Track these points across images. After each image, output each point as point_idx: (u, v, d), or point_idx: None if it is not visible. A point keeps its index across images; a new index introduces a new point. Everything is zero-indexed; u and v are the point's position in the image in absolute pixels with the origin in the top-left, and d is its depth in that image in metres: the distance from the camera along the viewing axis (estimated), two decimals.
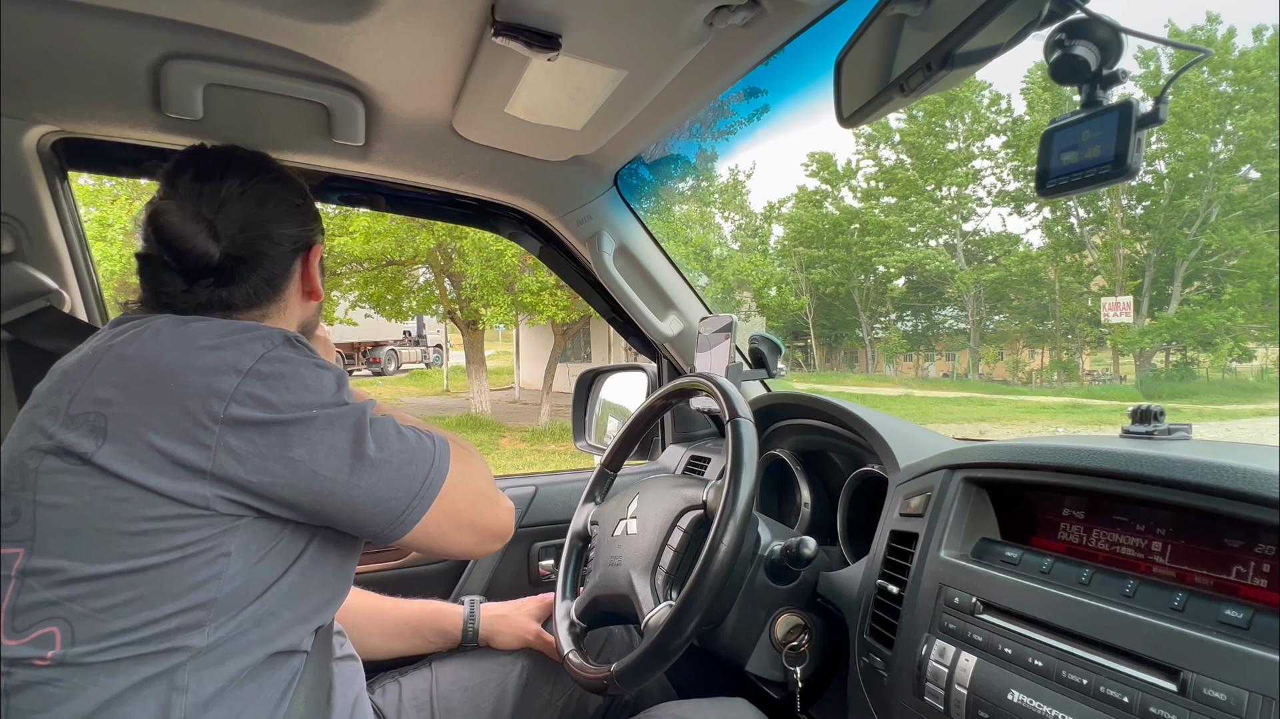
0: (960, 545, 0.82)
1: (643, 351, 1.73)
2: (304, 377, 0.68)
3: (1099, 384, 19.25)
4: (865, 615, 0.91)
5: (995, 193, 22.80)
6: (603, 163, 1.31)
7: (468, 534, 0.79)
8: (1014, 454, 0.79)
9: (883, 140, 23.54)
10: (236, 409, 0.65)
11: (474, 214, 1.50)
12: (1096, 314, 19.83)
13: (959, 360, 24.14)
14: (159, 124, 1.04)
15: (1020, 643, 0.69)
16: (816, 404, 1.21)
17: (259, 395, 0.66)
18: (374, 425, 0.71)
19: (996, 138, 22.43)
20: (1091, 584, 0.68)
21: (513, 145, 1.20)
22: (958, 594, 0.77)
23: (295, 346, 0.71)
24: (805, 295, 22.87)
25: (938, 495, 0.86)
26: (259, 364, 0.67)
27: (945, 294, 23.08)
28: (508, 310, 11.03)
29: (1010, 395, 17.91)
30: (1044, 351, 22.41)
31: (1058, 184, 0.70)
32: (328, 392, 0.69)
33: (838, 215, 24.53)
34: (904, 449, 1.02)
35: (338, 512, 0.69)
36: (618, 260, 1.46)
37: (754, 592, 0.96)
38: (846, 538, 1.15)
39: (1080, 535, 0.75)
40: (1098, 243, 20.36)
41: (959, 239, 23.20)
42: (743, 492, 0.81)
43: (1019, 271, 20.78)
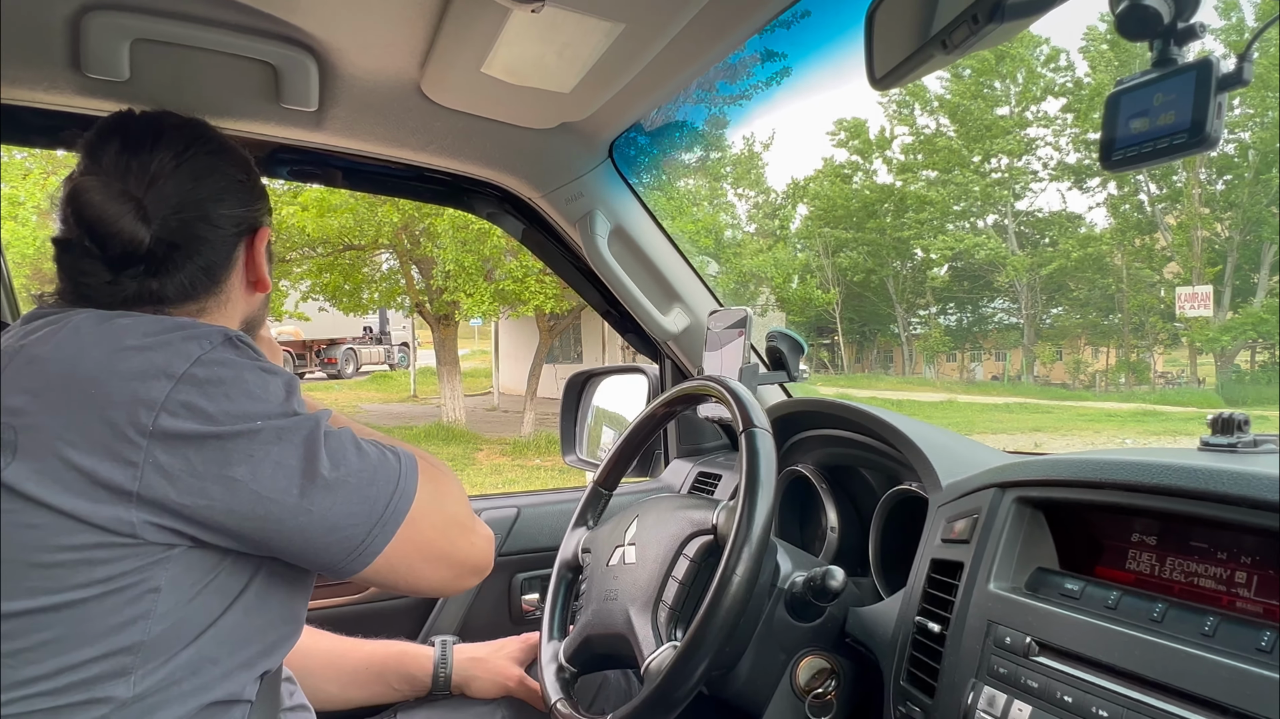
0: (1012, 576, 0.82)
1: (642, 351, 1.73)
2: (247, 382, 0.68)
3: (1173, 388, 19.25)
4: (902, 658, 0.91)
5: (1053, 165, 22.78)
6: (595, 131, 1.31)
7: (439, 568, 0.78)
8: (1074, 470, 0.80)
9: (920, 104, 23.56)
10: (167, 420, 0.64)
11: (447, 191, 1.50)
12: (1170, 306, 19.79)
13: (1010, 361, 24.16)
14: (78, 86, 1.04)
15: (1082, 689, 0.69)
16: (844, 412, 1.21)
17: (194, 404, 0.65)
18: (329, 440, 0.70)
19: (1054, 100, 22.42)
20: (1165, 622, 0.68)
21: (491, 111, 1.20)
22: (1009, 633, 0.77)
23: (237, 347, 0.70)
24: (834, 289, 22.82)
25: (986, 518, 0.87)
26: (194, 368, 0.66)
27: (994, 283, 23.07)
28: (488, 301, 10.98)
29: (1070, 401, 17.91)
30: (1109, 350, 22.40)
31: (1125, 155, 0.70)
32: (275, 400, 0.69)
33: (869, 193, 24.54)
34: (947, 464, 1.02)
35: (286, 541, 0.69)
36: (613, 244, 1.47)
37: (772, 631, 0.97)
38: (880, 568, 1.15)
39: (1152, 565, 0.75)
40: (1171, 223, 20.31)
41: (1010, 219, 23.20)
42: (759, 514, 0.82)
43: (1080, 256, 20.71)
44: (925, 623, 0.88)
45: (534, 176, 1.39)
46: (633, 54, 1.00)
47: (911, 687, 0.88)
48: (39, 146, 1.21)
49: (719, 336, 1.43)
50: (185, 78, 1.06)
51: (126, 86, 1.04)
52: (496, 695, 1.11)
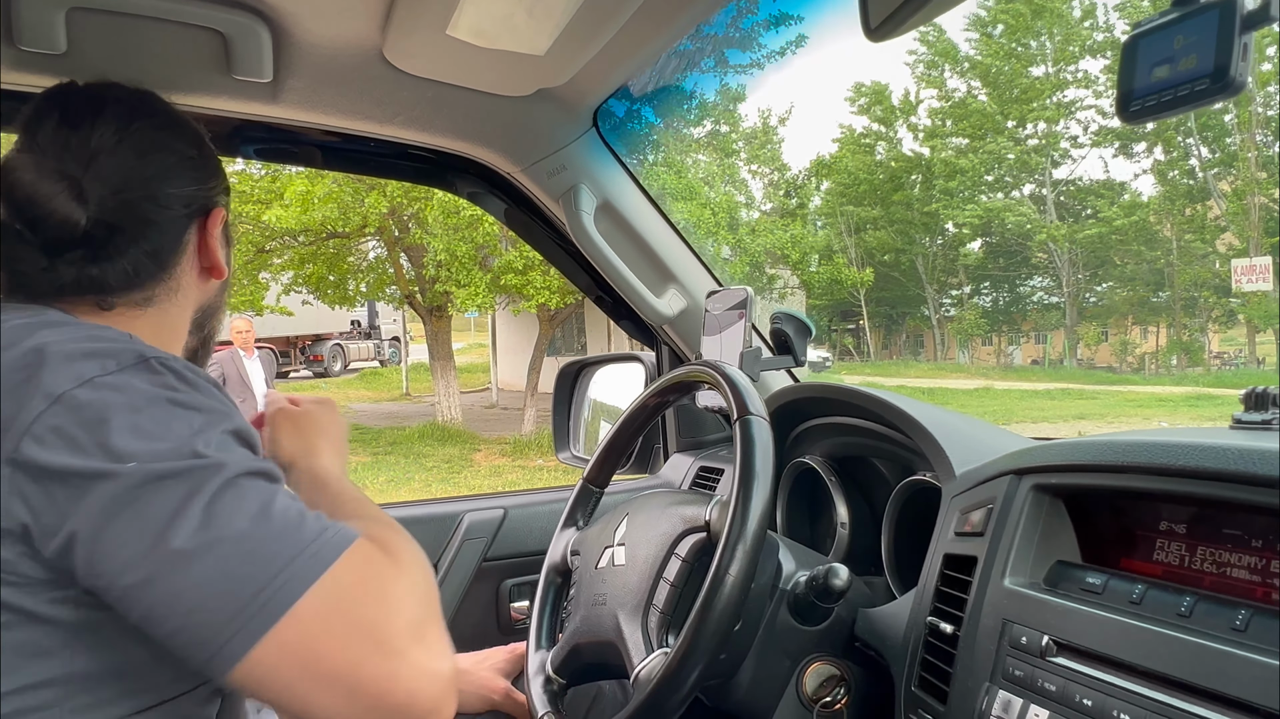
0: (1029, 571, 0.82)
1: (638, 337, 1.73)
2: (141, 415, 0.62)
3: (1230, 369, 19.09)
4: (914, 662, 0.91)
5: (1094, 130, 22.57)
6: (577, 98, 1.30)
7: (331, 695, 0.61)
8: (1095, 453, 0.79)
9: (950, 64, 23.35)
10: (30, 447, 0.60)
11: (423, 168, 1.50)
12: (1225, 280, 19.59)
13: (1051, 343, 24.00)
14: (12, 60, 1.04)
15: (1102, 692, 0.68)
16: (853, 398, 1.21)
17: (66, 432, 0.60)
18: (224, 495, 0.61)
19: (1094, 60, 22.19)
20: (1194, 616, 0.67)
21: (461, 78, 1.20)
22: (1025, 632, 0.76)
23: (154, 373, 0.65)
24: (868, 269, 22.65)
25: (1002, 508, 0.86)
26: (79, 389, 0.62)
27: (1032, 260, 22.89)
28: (484, 292, 10.96)
29: (1117, 385, 17.86)
30: (1159, 329, 22.21)
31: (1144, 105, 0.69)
32: (172, 439, 0.62)
33: (894, 165, 24.37)
34: (962, 451, 1.01)
35: (138, 618, 0.61)
36: (600, 221, 1.46)
37: (775, 635, 0.96)
38: (894, 565, 1.14)
39: (1181, 555, 0.74)
40: (1226, 190, 20.07)
41: (1048, 188, 23.01)
42: (754, 508, 0.81)
43: (1125, 225, 20.47)
44: (937, 623, 0.87)
45: (512, 149, 1.38)
46: (609, 11, 0.99)
47: (923, 693, 0.88)
48: None
49: (718, 319, 1.42)
50: (127, 48, 1.05)
51: (64, 60, 1.04)
52: (481, 710, 1.11)
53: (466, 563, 1.44)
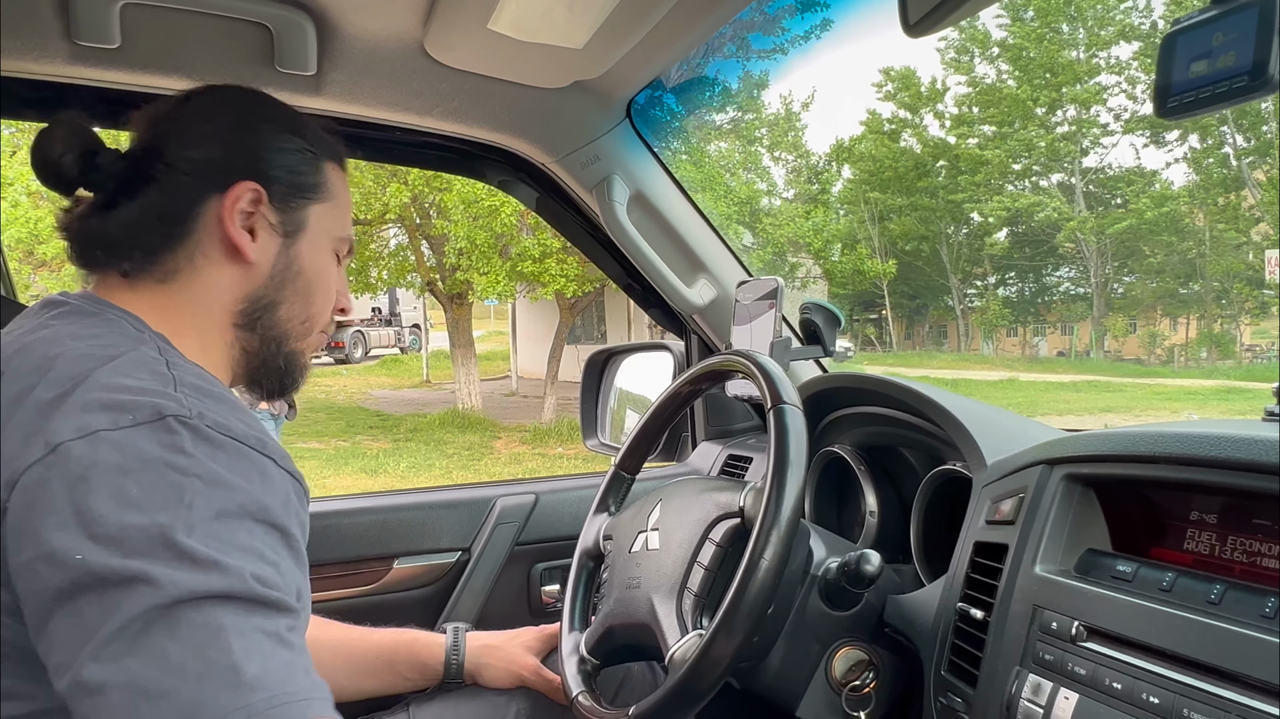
0: (1060, 559, 0.83)
1: (667, 326, 1.75)
2: (128, 479, 0.57)
3: (1262, 362, 18.79)
4: (943, 647, 0.93)
5: (1126, 118, 22.20)
6: (612, 89, 1.32)
7: None
8: (1127, 444, 0.80)
9: (979, 50, 23.03)
10: (16, 497, 0.58)
11: (456, 158, 1.53)
12: (1259, 271, 19.27)
13: (1078, 335, 23.71)
14: (69, 54, 1.08)
15: (1133, 676, 0.70)
16: (883, 388, 1.22)
17: (48, 487, 0.57)
18: (173, 625, 0.54)
19: (1128, 45, 21.80)
20: (1224, 603, 0.69)
21: (499, 70, 1.22)
22: (1056, 618, 0.78)
23: (169, 432, 0.60)
24: (891, 261, 22.48)
25: (1033, 497, 0.87)
26: (77, 443, 0.58)
27: (1059, 249, 22.58)
28: (504, 281, 11.02)
29: (1145, 378, 17.65)
30: (1189, 321, 21.87)
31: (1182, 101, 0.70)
32: (149, 514, 0.56)
33: (920, 151, 24.11)
34: (993, 441, 1.03)
35: None
36: (633, 212, 1.48)
37: (805, 620, 0.98)
38: (922, 553, 1.16)
39: (1211, 544, 0.76)
40: (1261, 179, 19.71)
41: (1078, 178, 22.68)
42: (788, 494, 0.83)
43: (1155, 216, 20.16)
44: (968, 609, 0.89)
45: (546, 140, 1.40)
46: (648, 5, 1.01)
47: (953, 676, 0.90)
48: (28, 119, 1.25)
49: (748, 309, 1.44)
50: (177, 42, 1.09)
51: (118, 53, 1.08)
52: (511, 685, 1.13)
53: (499, 547, 1.47)
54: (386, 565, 1.42)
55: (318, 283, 0.86)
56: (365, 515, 1.43)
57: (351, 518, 1.42)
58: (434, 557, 1.45)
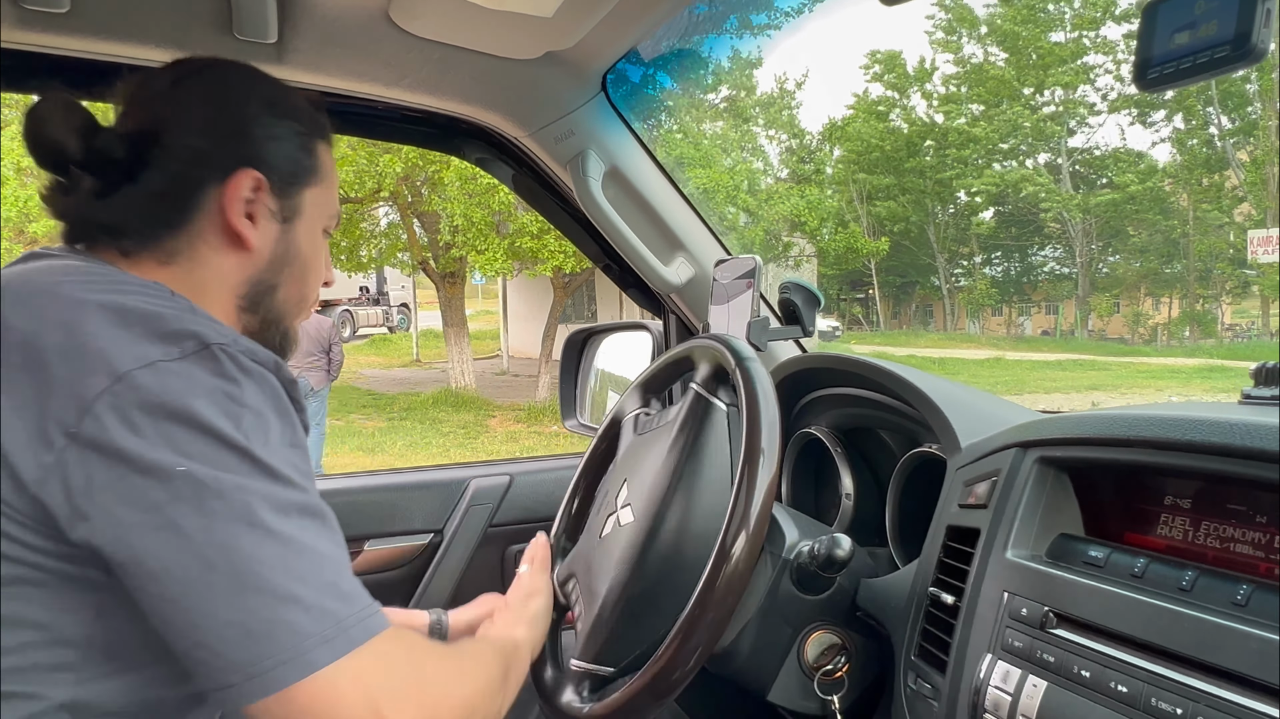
0: (1032, 543, 0.82)
1: (645, 306, 1.72)
2: (198, 409, 0.61)
3: (1242, 341, 19.02)
4: (914, 631, 0.91)
5: (1112, 97, 22.25)
6: (585, 61, 1.28)
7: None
8: (1102, 427, 0.78)
9: (967, 30, 22.98)
10: (91, 425, 0.60)
11: (430, 133, 1.49)
12: (1241, 251, 19.40)
13: (1063, 314, 23.89)
14: (16, 19, 1.03)
15: (1101, 664, 0.68)
16: (860, 369, 1.20)
17: (128, 415, 0.60)
18: (272, 529, 0.61)
19: (1116, 26, 21.80)
20: (1195, 590, 0.67)
21: (468, 40, 1.18)
22: (1026, 604, 0.76)
23: (216, 360, 0.64)
24: (884, 239, 22.51)
25: (1006, 481, 0.86)
26: (142, 372, 0.61)
27: (1045, 229, 22.68)
28: (501, 258, 10.95)
29: (1129, 357, 17.86)
30: (1172, 301, 22.09)
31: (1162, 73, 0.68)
32: (225, 441, 0.62)
33: (908, 131, 24.09)
34: (968, 423, 1.01)
35: (164, 625, 0.62)
36: (608, 188, 1.44)
37: (777, 604, 0.97)
38: (898, 536, 1.15)
39: (1184, 530, 0.74)
40: (1244, 159, 19.81)
41: (1064, 157, 22.75)
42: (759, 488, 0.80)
43: (1140, 192, 20.24)
44: (939, 594, 0.88)
45: (518, 113, 1.37)
46: None
47: (923, 662, 0.88)
48: None
49: (726, 288, 1.41)
50: (130, 7, 1.05)
51: (68, 18, 1.04)
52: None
53: (472, 528, 1.45)
54: (357, 548, 1.39)
55: (312, 263, 0.88)
56: (336, 497, 1.40)
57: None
58: (405, 539, 1.42)
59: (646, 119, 10.78)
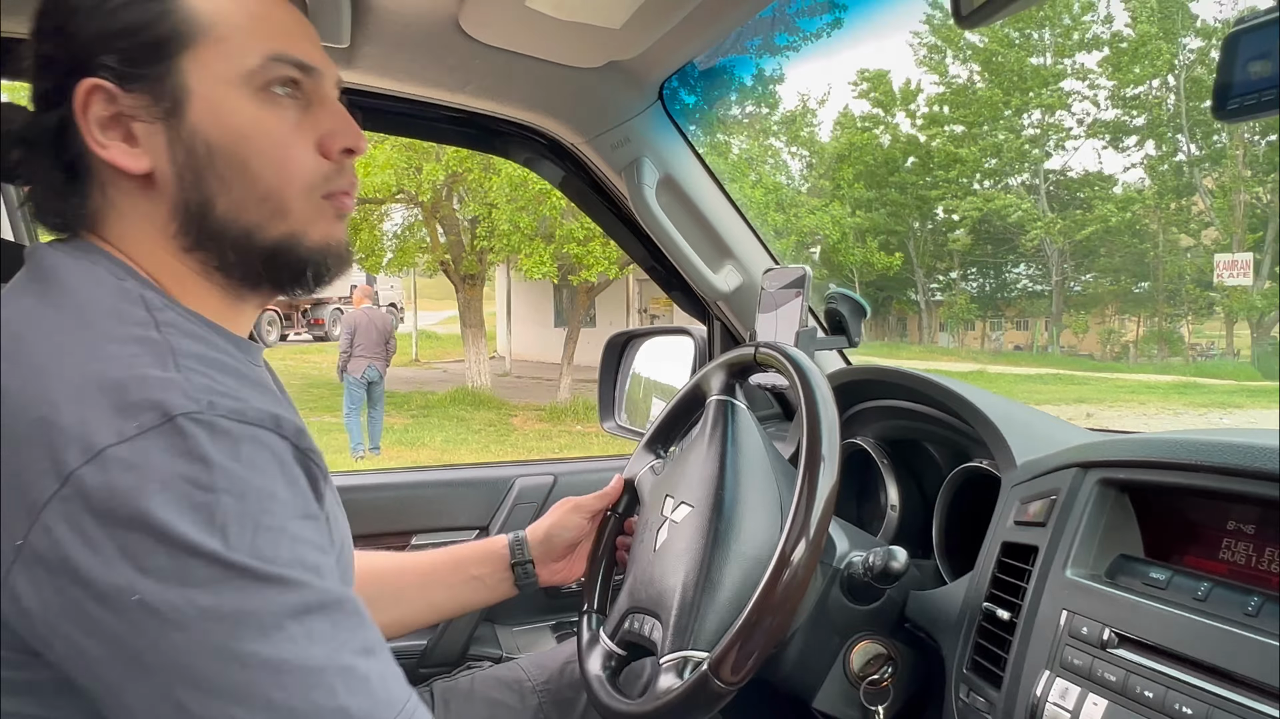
0: (1091, 563, 0.82)
1: (689, 310, 1.74)
2: (149, 514, 0.50)
3: (1206, 359, 19.20)
4: (966, 645, 0.92)
5: (1089, 122, 22.47)
6: (645, 71, 1.30)
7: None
8: (1166, 451, 0.79)
9: (952, 50, 23.16)
10: (40, 538, 0.51)
11: (482, 136, 1.51)
12: (1205, 274, 19.52)
13: (1040, 329, 24.04)
14: None
15: (1165, 685, 0.69)
16: (910, 381, 1.21)
17: (78, 524, 0.51)
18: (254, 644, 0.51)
19: (1089, 53, 21.94)
20: (1261, 615, 0.68)
21: (534, 48, 1.20)
22: (1086, 623, 0.77)
23: (182, 437, 0.52)
24: (897, 254, 22.61)
25: (1065, 500, 0.86)
26: (88, 468, 0.51)
27: (1020, 247, 22.83)
28: (549, 262, 11.40)
29: (1104, 373, 18.18)
30: (1139, 320, 22.30)
31: (1242, 104, 0.68)
32: (178, 562, 0.51)
33: (889, 147, 24.34)
34: (1022, 441, 1.02)
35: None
36: (661, 195, 1.46)
37: (826, 613, 0.98)
38: (944, 550, 1.15)
39: (1247, 555, 0.75)
40: (1210, 186, 19.95)
41: (1041, 179, 22.93)
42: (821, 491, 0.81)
43: (1119, 221, 20.43)
44: (994, 609, 0.89)
45: (578, 120, 1.38)
46: None
47: (976, 675, 0.89)
48: None
49: (774, 297, 1.42)
50: None
51: None
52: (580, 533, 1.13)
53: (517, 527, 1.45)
54: (404, 541, 1.42)
55: (246, 144, 0.65)
56: (385, 492, 1.43)
57: (371, 493, 1.42)
58: (452, 534, 1.45)
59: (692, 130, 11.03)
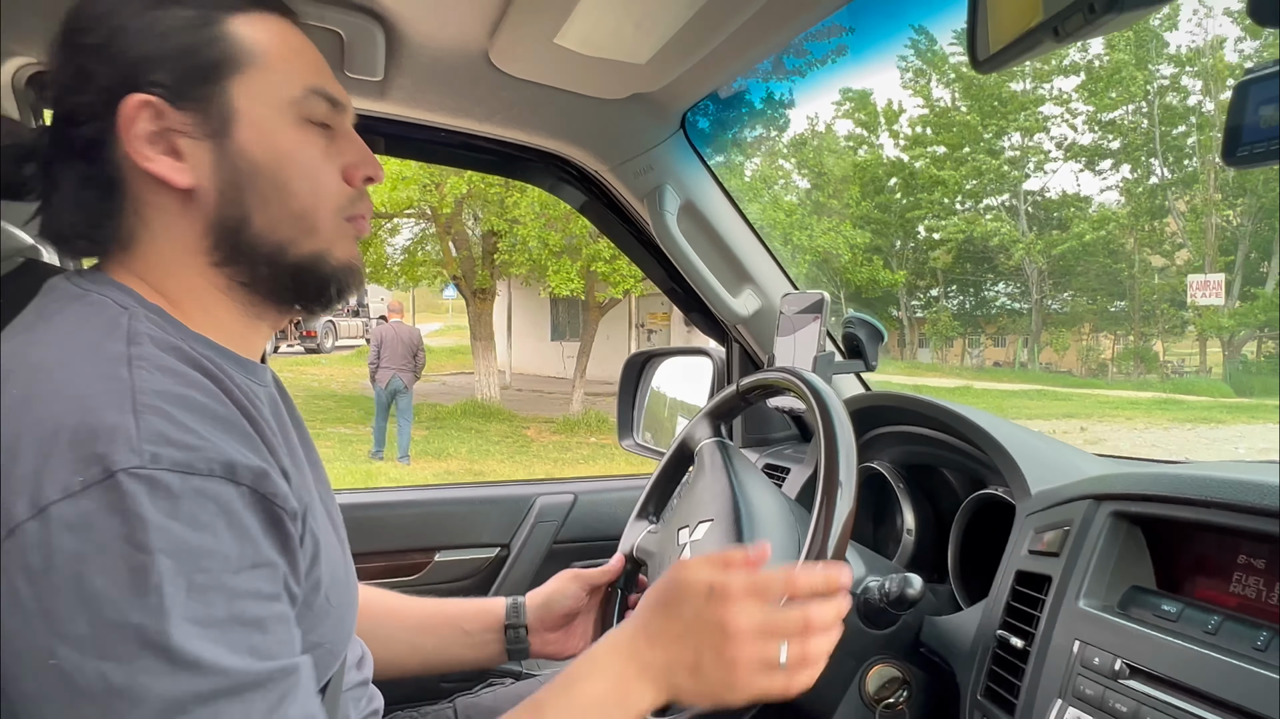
0: (1104, 594, 0.84)
1: (708, 332, 1.76)
2: (85, 578, 0.50)
3: (1179, 377, 19.53)
4: (980, 672, 0.94)
5: (1066, 145, 22.92)
6: (669, 101, 1.33)
7: None
8: (1178, 486, 0.80)
9: (936, 73, 23.47)
10: (8, 561, 0.51)
11: (506, 162, 1.55)
12: (1179, 293, 19.82)
13: (1011, 347, 24.38)
14: None
15: (1174, 717, 0.70)
16: (926, 408, 1.23)
17: (9, 575, 0.51)
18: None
19: (1066, 78, 22.15)
20: (1269, 650, 0.69)
21: (560, 80, 1.24)
22: (1098, 653, 0.79)
23: (124, 495, 0.52)
24: (900, 272, 22.91)
25: (1079, 531, 0.88)
26: (31, 523, 0.51)
27: (1000, 266, 23.19)
28: (575, 279, 11.74)
29: (1084, 389, 18.37)
30: (1115, 337, 22.66)
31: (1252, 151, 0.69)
32: (110, 622, 0.50)
33: (870, 161, 24.64)
34: (1036, 469, 1.03)
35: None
36: (682, 221, 1.49)
37: (843, 637, 0.99)
38: (959, 575, 1.17)
39: (1258, 589, 0.76)
40: (1182, 209, 20.28)
41: (1021, 200, 23.32)
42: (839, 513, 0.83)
43: (1094, 238, 20.82)
44: (1007, 637, 0.90)
45: (602, 149, 1.42)
46: (715, 25, 1.02)
47: (989, 702, 0.91)
48: None
49: (792, 321, 1.44)
50: None
51: None
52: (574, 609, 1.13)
53: (538, 545, 1.50)
54: (428, 557, 1.45)
55: (287, 166, 0.69)
56: (409, 508, 1.46)
57: (396, 510, 1.46)
58: (474, 551, 1.48)
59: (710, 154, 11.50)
